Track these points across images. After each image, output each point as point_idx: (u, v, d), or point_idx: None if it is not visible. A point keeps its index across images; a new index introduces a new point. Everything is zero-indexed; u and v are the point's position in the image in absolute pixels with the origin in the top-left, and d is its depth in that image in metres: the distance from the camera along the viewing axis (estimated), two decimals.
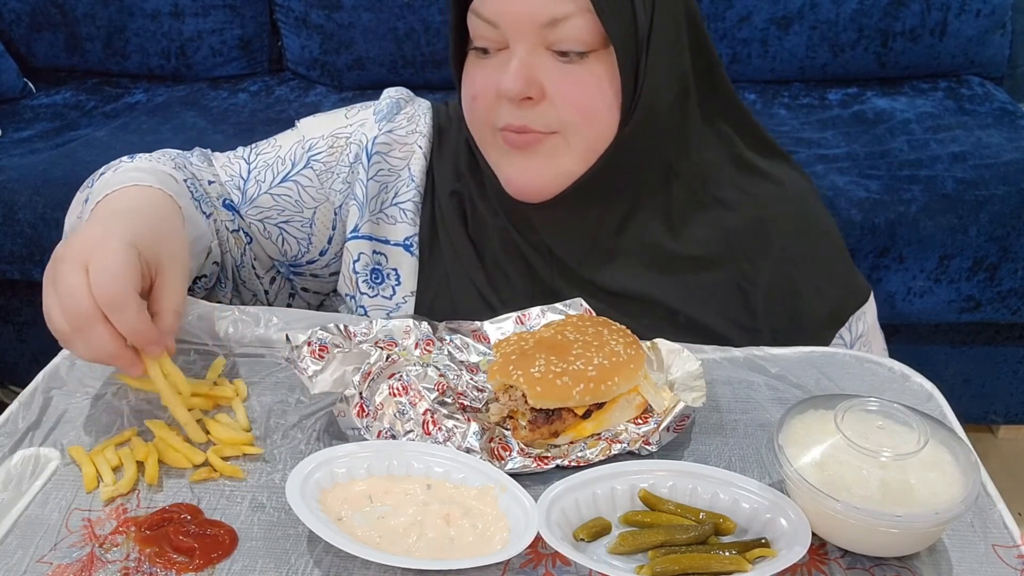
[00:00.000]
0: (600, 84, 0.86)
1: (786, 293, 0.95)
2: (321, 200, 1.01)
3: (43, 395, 0.82)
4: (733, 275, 0.95)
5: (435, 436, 0.74)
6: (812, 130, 2.11)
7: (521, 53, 0.85)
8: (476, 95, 0.90)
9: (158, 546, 0.66)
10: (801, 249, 0.97)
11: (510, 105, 0.87)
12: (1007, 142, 1.99)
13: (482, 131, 0.93)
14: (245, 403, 0.81)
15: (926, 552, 0.66)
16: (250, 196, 1.01)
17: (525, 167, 0.90)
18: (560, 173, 0.90)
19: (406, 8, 2.28)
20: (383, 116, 1.01)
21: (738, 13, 2.25)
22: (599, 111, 0.87)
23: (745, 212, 0.96)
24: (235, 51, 2.47)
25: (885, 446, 0.65)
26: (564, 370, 0.74)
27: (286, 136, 1.05)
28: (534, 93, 0.86)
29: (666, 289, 0.94)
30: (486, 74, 0.89)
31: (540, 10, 0.83)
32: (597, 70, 0.86)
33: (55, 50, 2.46)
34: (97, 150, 2.06)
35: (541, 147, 0.89)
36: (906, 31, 2.24)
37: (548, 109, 0.87)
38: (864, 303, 0.99)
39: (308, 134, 1.03)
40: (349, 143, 1.01)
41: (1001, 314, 1.89)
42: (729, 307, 0.95)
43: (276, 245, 1.03)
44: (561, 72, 0.86)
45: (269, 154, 1.03)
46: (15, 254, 1.93)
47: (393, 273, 1.01)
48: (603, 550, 0.66)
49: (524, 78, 0.85)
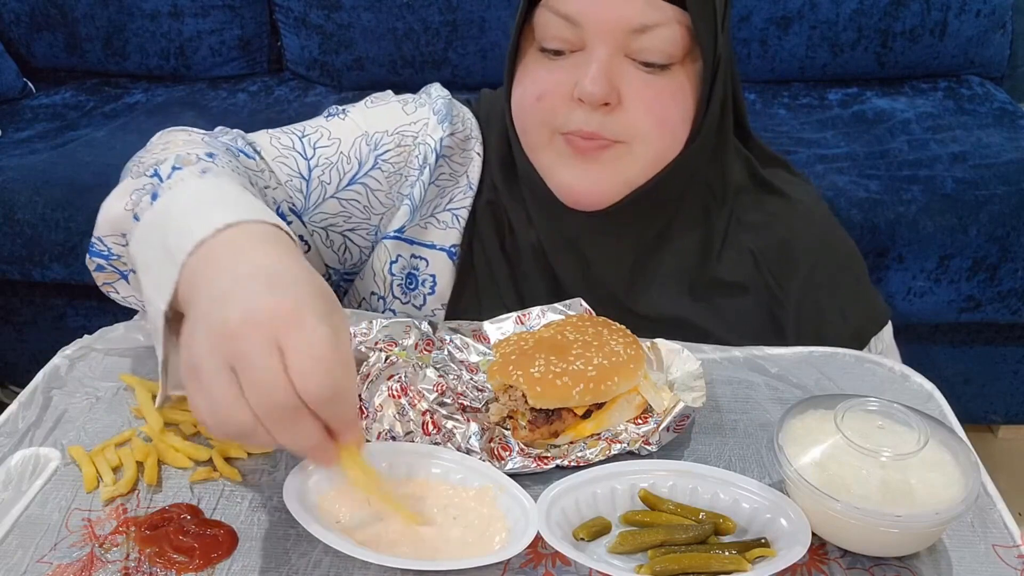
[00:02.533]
0: (677, 97, 0.85)
1: (812, 317, 0.95)
2: (389, 205, 0.95)
3: (43, 395, 0.81)
4: (764, 299, 0.94)
5: (435, 437, 0.74)
6: (812, 130, 2.11)
7: (602, 56, 0.82)
8: (543, 95, 0.86)
9: (158, 546, 0.66)
10: (826, 272, 0.96)
11: (583, 109, 0.84)
12: (1007, 142, 1.99)
13: (539, 133, 0.89)
14: None
15: (926, 552, 0.66)
16: (315, 200, 0.91)
17: (585, 173, 0.87)
18: (620, 182, 0.88)
19: (406, 8, 2.28)
20: (444, 117, 0.94)
21: (738, 13, 2.25)
22: (674, 124, 0.86)
23: (770, 234, 0.95)
24: (235, 51, 2.47)
25: (885, 446, 0.65)
26: (564, 370, 0.74)
27: (341, 127, 0.94)
28: (613, 100, 0.83)
29: (698, 312, 0.93)
30: (557, 76, 0.85)
31: (631, 15, 0.81)
32: (677, 82, 0.84)
33: (55, 50, 2.46)
34: (97, 150, 2.06)
35: (605, 154, 0.86)
36: (906, 31, 2.24)
37: (621, 117, 0.84)
38: (885, 324, 0.99)
39: (371, 128, 0.94)
40: (417, 143, 0.94)
41: (1001, 314, 1.89)
42: (761, 331, 0.94)
43: (337, 254, 0.96)
44: (642, 81, 0.83)
45: (329, 149, 0.92)
46: (15, 254, 1.93)
47: (429, 280, 0.97)
48: (603, 550, 0.66)
49: (607, 82, 0.82)
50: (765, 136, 2.13)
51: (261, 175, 0.89)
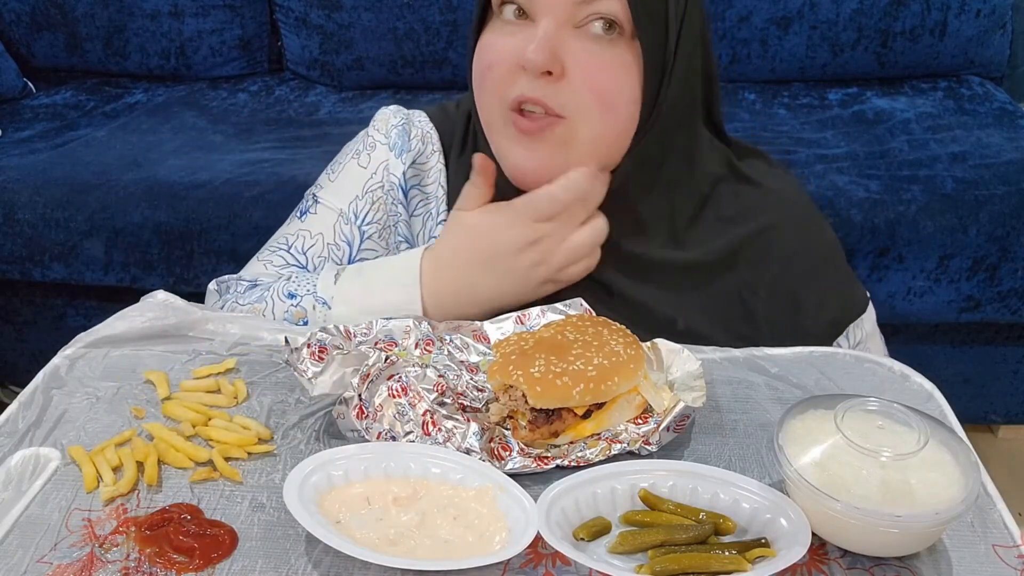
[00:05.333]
0: (621, 71, 0.85)
1: (788, 304, 0.95)
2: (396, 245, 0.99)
3: (43, 395, 0.81)
4: (734, 285, 0.95)
5: (435, 437, 0.74)
6: (812, 130, 2.11)
7: (548, 25, 0.83)
8: (492, 64, 0.88)
9: (158, 546, 0.66)
10: (803, 260, 0.97)
11: (527, 78, 0.85)
12: (1007, 142, 1.99)
13: (491, 110, 0.90)
14: (245, 403, 0.81)
15: (926, 552, 0.66)
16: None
17: (531, 153, 0.88)
18: (568, 164, 0.88)
19: (406, 8, 2.28)
20: (401, 149, 0.98)
21: (738, 13, 2.25)
22: (617, 100, 0.86)
23: (748, 222, 0.96)
24: (235, 51, 2.47)
25: (885, 446, 0.65)
26: (564, 370, 0.74)
27: (316, 221, 1.00)
28: (555, 69, 0.84)
29: (665, 298, 0.94)
30: (506, 43, 0.86)
31: None
32: (623, 57, 0.85)
33: (55, 50, 2.46)
34: (97, 150, 2.06)
35: (550, 134, 0.87)
36: (906, 31, 2.24)
37: (565, 88, 0.85)
38: (862, 313, 0.99)
39: (341, 204, 0.99)
40: (386, 191, 0.98)
41: (1001, 314, 1.89)
42: (728, 317, 0.94)
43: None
44: (586, 52, 0.84)
45: (316, 247, 0.98)
46: (15, 254, 1.93)
47: None
48: (603, 549, 0.66)
49: (549, 50, 0.83)
50: (765, 136, 2.15)
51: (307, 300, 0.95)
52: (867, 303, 1.00)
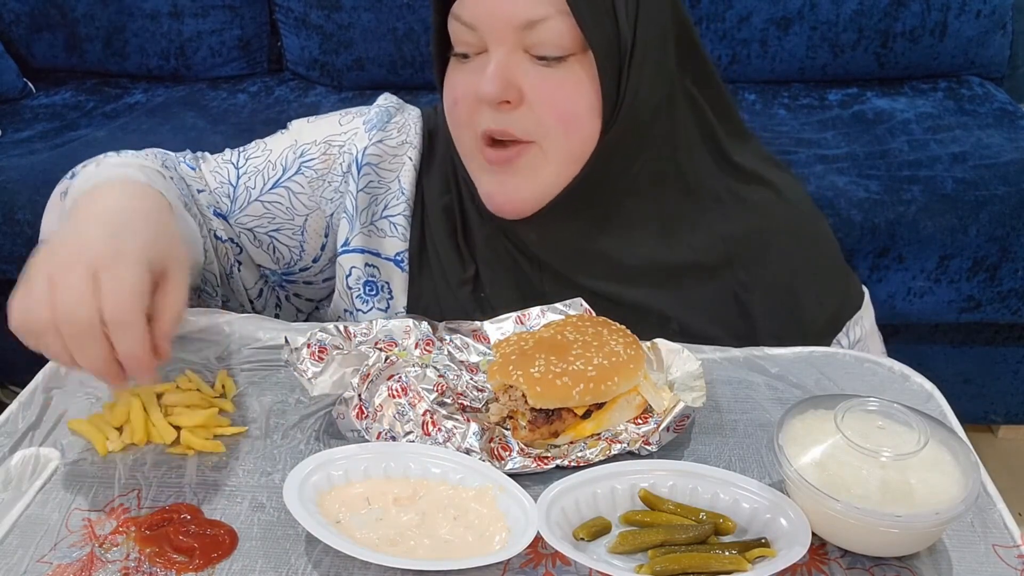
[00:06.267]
0: (578, 88, 0.85)
1: (784, 302, 0.95)
2: (312, 208, 1.00)
3: (43, 395, 0.82)
4: (729, 283, 0.95)
5: (435, 437, 0.74)
6: (812, 130, 2.11)
7: (499, 56, 0.84)
8: (457, 99, 0.89)
9: (158, 546, 0.66)
10: (799, 257, 0.96)
11: (490, 110, 0.86)
12: (1007, 142, 1.99)
13: (463, 141, 0.92)
14: (245, 404, 0.81)
15: (926, 552, 0.66)
16: (240, 203, 0.99)
17: (504, 183, 0.89)
18: (539, 188, 0.89)
19: (406, 8, 2.28)
20: (373, 126, 1.00)
21: (738, 13, 2.25)
22: (578, 116, 0.86)
23: (742, 219, 0.95)
24: (234, 51, 2.47)
25: (885, 446, 0.65)
26: (564, 370, 0.74)
27: (277, 139, 1.02)
28: (512, 97, 0.85)
29: (659, 297, 0.94)
30: (466, 78, 0.88)
31: (516, 12, 0.82)
32: (576, 74, 0.85)
33: (55, 50, 2.46)
34: (97, 150, 2.02)
35: (520, 162, 0.88)
36: (906, 31, 2.24)
37: (527, 113, 0.86)
38: (859, 308, 0.99)
39: (301, 139, 1.01)
40: (342, 151, 0.99)
41: (1001, 314, 1.89)
42: (724, 315, 0.94)
43: (268, 254, 1.01)
44: (540, 76, 0.85)
45: (259, 159, 1.00)
46: (15, 254, 1.93)
47: (386, 286, 1.00)
48: (603, 549, 0.66)
49: (502, 81, 0.84)
50: (765, 136, 2.14)
51: (197, 182, 0.99)
52: (863, 297, 1.01)
